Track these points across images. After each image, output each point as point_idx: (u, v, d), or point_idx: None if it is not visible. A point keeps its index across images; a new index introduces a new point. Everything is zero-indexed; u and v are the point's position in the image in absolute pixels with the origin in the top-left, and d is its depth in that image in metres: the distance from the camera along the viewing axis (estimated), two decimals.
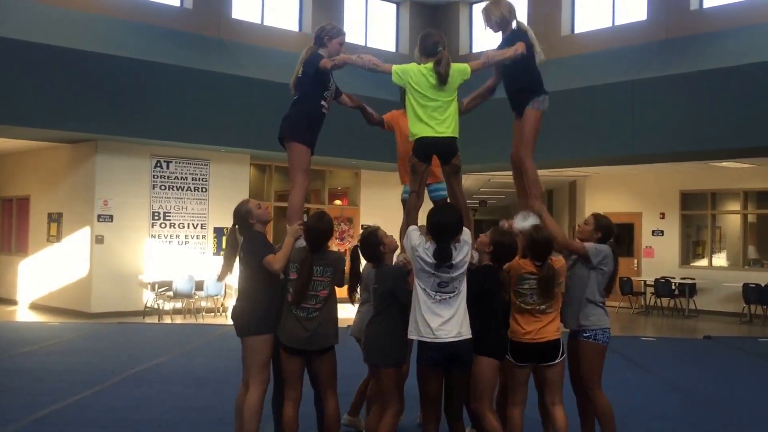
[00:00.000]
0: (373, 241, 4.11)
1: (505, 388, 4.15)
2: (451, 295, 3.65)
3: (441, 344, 3.61)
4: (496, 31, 4.49)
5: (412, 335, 3.71)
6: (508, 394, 4.03)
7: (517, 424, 3.87)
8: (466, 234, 3.77)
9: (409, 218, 4.08)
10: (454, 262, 3.64)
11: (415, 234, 3.76)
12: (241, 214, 4.13)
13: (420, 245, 3.69)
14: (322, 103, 4.46)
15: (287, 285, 4.00)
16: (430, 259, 3.64)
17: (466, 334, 3.66)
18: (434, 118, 3.99)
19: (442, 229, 3.67)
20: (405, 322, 3.79)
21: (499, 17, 4.46)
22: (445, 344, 3.61)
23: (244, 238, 4.12)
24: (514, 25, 4.53)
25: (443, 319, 3.61)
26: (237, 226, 4.15)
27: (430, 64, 4.06)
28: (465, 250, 3.71)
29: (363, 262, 4.30)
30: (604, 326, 4.16)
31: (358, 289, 4.39)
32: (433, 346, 3.64)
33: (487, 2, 4.53)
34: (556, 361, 3.92)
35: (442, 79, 4.01)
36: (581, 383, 4.17)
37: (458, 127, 4.15)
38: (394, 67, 4.15)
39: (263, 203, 4.29)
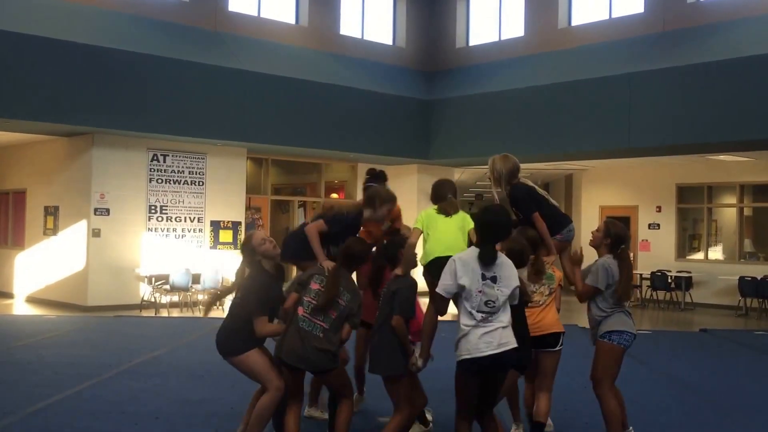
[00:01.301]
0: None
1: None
2: (496, 311, 3.55)
3: (484, 357, 3.52)
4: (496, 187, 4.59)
5: (461, 356, 3.57)
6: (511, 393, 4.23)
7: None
8: (515, 270, 3.67)
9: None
10: (497, 275, 3.54)
11: (450, 268, 3.61)
12: (246, 251, 4.08)
13: (459, 270, 3.55)
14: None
15: (301, 294, 3.94)
16: (478, 271, 3.53)
17: (512, 343, 3.57)
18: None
19: (491, 228, 3.59)
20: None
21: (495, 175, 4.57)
22: (488, 356, 3.52)
23: (248, 275, 4.07)
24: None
25: (488, 332, 3.52)
26: (244, 260, 4.10)
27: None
28: (513, 275, 3.60)
29: None
30: (621, 329, 4.23)
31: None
32: (477, 359, 3.54)
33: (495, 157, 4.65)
34: (556, 348, 4.20)
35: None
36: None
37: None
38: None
39: (270, 238, 4.14)
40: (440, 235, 4.07)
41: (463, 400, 3.62)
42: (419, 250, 4.23)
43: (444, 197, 4.36)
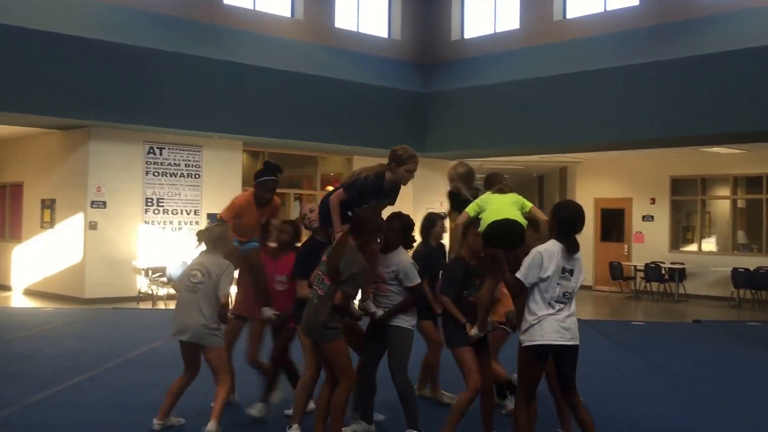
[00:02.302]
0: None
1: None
2: (570, 301, 3.81)
3: (557, 345, 3.75)
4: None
5: (535, 341, 3.75)
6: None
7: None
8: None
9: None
10: (573, 268, 3.79)
11: (535, 260, 3.78)
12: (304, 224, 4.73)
13: (545, 262, 3.75)
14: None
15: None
16: (560, 263, 3.73)
17: (578, 336, 3.82)
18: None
19: (573, 222, 3.82)
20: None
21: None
22: (561, 346, 3.76)
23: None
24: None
25: (563, 322, 3.75)
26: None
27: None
28: (582, 268, 3.90)
29: None
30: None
31: None
32: (551, 346, 3.76)
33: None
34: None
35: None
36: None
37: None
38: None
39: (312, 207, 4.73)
40: (496, 206, 4.20)
41: (527, 383, 3.85)
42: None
43: (497, 183, 4.63)
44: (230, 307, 4.88)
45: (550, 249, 3.78)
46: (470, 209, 4.25)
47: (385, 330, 4.31)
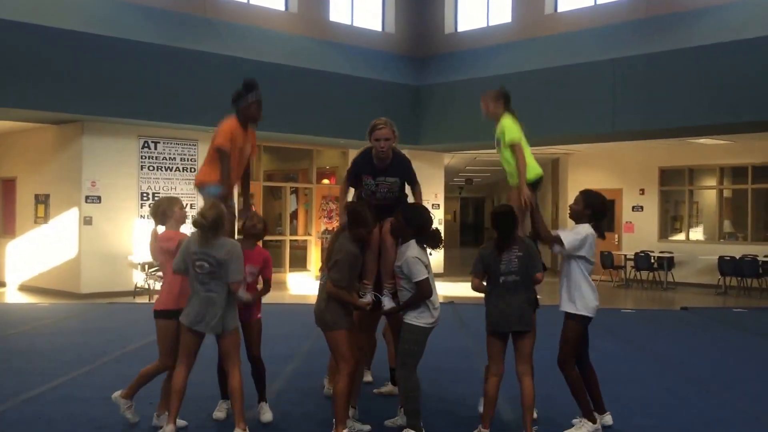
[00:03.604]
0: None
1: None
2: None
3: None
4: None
5: (590, 310, 4.33)
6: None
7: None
8: None
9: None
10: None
11: (588, 239, 4.33)
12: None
13: (593, 243, 4.34)
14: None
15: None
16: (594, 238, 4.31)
17: None
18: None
19: (605, 208, 4.48)
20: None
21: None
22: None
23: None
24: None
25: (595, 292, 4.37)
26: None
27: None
28: None
29: None
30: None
31: None
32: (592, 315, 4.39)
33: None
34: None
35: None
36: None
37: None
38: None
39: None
40: (529, 150, 4.68)
41: (576, 348, 4.35)
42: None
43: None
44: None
45: (591, 230, 4.31)
46: (521, 135, 4.66)
47: None
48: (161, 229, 4.61)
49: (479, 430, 4.17)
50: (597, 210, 4.37)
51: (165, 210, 4.54)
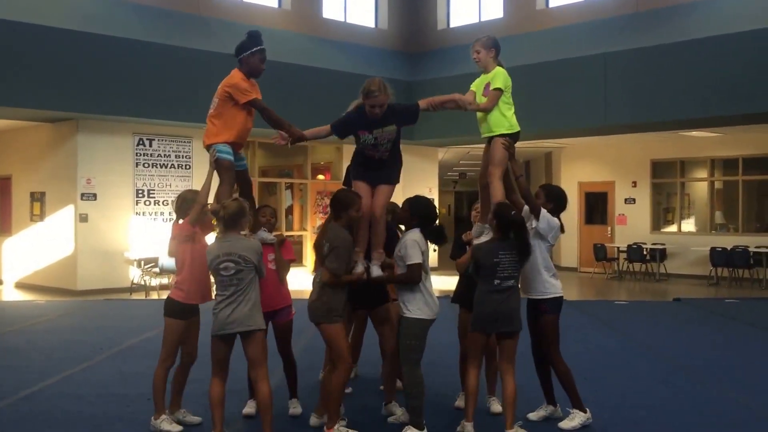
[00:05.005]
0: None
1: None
2: None
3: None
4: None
5: (557, 291, 4.44)
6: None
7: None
8: None
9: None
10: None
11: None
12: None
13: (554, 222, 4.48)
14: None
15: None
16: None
17: None
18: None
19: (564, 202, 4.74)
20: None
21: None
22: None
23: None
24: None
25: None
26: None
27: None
28: None
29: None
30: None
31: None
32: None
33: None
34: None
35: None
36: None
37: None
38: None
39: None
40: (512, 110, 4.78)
41: (558, 337, 4.45)
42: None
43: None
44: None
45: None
46: (506, 84, 4.75)
47: None
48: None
49: (462, 424, 4.18)
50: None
51: (185, 199, 4.43)
